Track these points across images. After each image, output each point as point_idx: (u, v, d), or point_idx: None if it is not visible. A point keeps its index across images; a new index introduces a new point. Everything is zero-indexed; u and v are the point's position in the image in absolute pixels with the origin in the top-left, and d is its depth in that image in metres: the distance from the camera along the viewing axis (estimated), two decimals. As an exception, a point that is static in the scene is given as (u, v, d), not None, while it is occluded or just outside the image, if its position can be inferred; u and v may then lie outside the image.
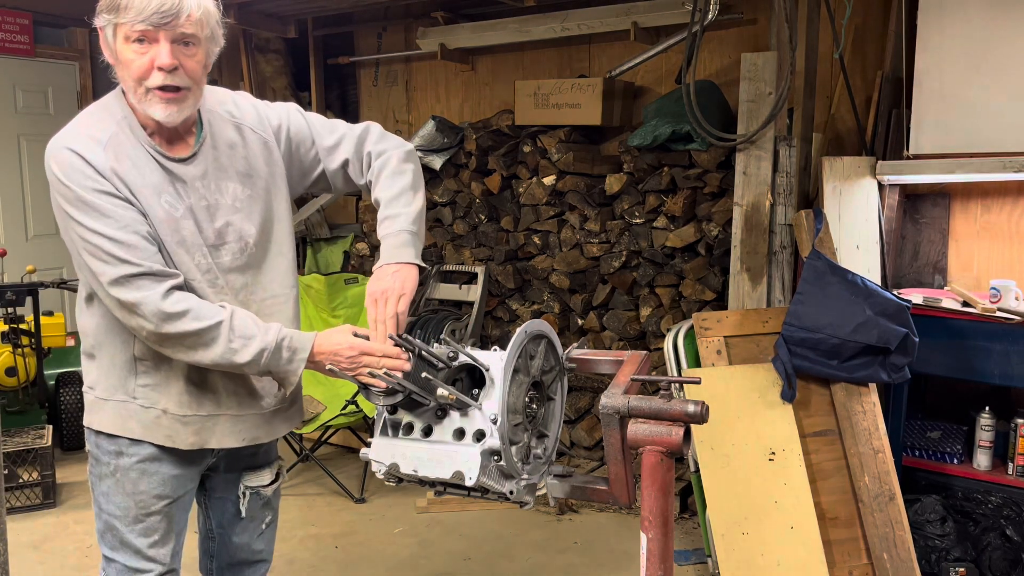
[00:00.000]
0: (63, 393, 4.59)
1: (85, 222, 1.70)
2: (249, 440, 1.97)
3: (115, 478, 1.91)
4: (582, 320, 4.31)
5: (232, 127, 1.90)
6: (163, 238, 1.77)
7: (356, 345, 1.76)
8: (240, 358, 1.73)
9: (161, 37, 1.68)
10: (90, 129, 1.76)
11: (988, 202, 3.40)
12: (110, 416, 1.89)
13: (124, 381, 1.87)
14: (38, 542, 3.61)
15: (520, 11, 4.60)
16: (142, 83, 1.71)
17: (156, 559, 1.95)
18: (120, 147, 1.75)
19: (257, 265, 1.91)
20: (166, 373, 1.86)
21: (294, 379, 1.79)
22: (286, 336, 1.76)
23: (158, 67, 1.69)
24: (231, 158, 1.88)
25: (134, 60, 1.70)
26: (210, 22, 1.76)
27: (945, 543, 3.02)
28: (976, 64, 3.19)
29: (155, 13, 1.65)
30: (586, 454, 4.26)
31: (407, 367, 1.73)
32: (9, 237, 5.64)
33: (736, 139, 3.36)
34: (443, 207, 4.72)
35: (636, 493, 1.68)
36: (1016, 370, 2.95)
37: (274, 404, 1.99)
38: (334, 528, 3.76)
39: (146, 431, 1.88)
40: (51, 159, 1.73)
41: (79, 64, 5.91)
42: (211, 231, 1.83)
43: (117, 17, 1.68)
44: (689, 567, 3.37)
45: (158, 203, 1.77)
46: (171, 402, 1.87)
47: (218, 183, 1.85)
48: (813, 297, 2.94)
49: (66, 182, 1.70)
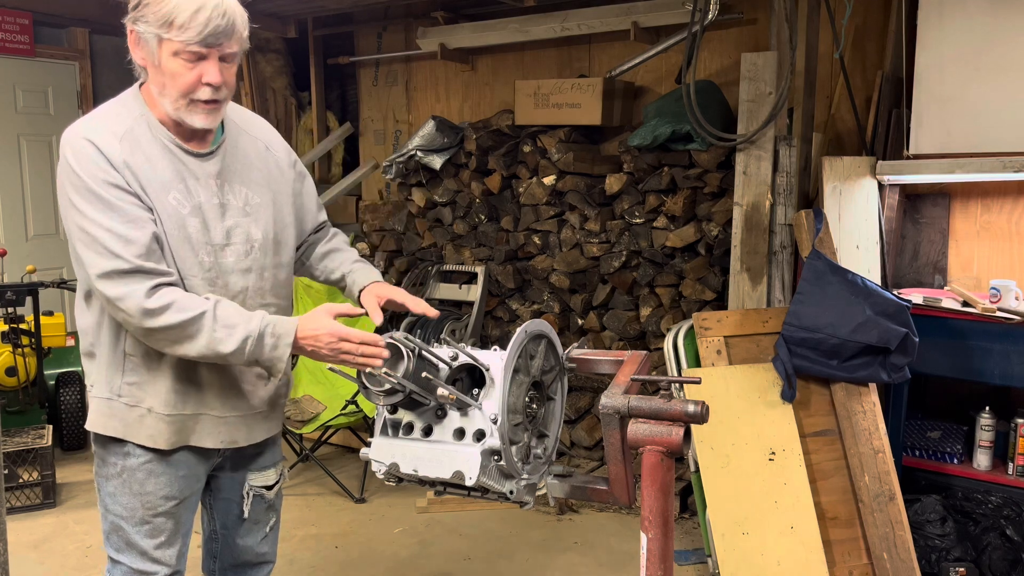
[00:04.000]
0: (63, 393, 4.59)
1: (88, 212, 1.72)
2: (227, 442, 1.96)
3: (122, 479, 1.91)
4: (582, 320, 4.31)
5: (253, 140, 1.98)
6: (167, 234, 1.78)
7: (335, 331, 1.75)
8: (224, 347, 1.73)
9: (212, 56, 1.75)
10: (107, 122, 1.79)
11: (988, 202, 3.40)
12: (95, 415, 1.89)
13: (110, 378, 1.87)
14: (38, 542, 3.61)
15: (520, 11, 4.61)
16: (187, 96, 1.76)
17: (162, 561, 1.95)
18: (136, 141, 1.78)
19: (259, 271, 1.93)
20: (154, 371, 1.86)
21: (280, 366, 1.78)
22: (270, 323, 1.76)
23: (206, 83, 1.75)
24: (247, 165, 1.93)
25: (182, 74, 1.75)
26: (246, 34, 1.82)
27: (945, 543, 3.02)
28: (976, 64, 3.19)
29: (211, 35, 1.71)
30: (586, 454, 4.26)
31: (385, 354, 1.72)
32: (9, 237, 5.64)
33: (736, 139, 3.36)
34: (443, 207, 4.72)
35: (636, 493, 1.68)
36: (1016, 370, 2.95)
37: (258, 407, 1.99)
38: (334, 528, 3.76)
39: (128, 430, 1.87)
40: (67, 146, 1.76)
41: (79, 64, 5.92)
42: (219, 230, 1.85)
43: (168, 33, 1.72)
44: (689, 567, 3.38)
45: (166, 199, 1.79)
46: (157, 400, 1.87)
47: (231, 185, 1.89)
48: (813, 297, 2.94)
49: (78, 170, 1.73)
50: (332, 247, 2.17)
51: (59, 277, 5.06)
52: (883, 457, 2.94)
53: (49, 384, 4.74)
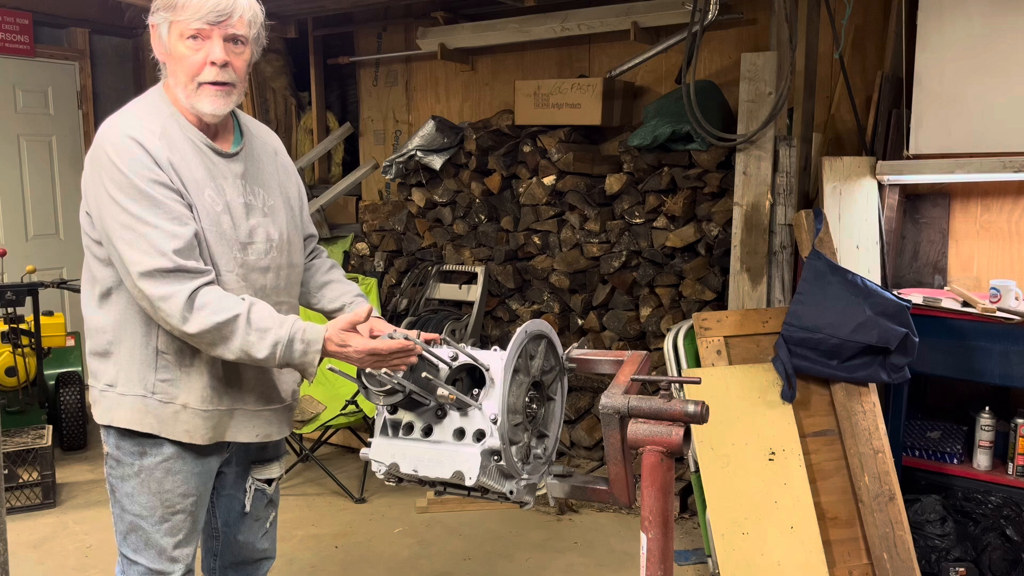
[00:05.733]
0: (63, 393, 4.59)
1: (133, 210, 1.73)
2: (263, 436, 2.00)
3: (140, 478, 1.92)
4: (582, 320, 4.31)
5: (263, 144, 2.04)
6: (205, 230, 1.81)
7: (362, 348, 1.76)
8: (257, 352, 1.75)
9: (215, 35, 1.79)
10: (144, 120, 1.81)
11: (988, 202, 3.40)
12: (128, 412, 1.89)
13: (143, 376, 1.87)
14: (38, 542, 3.61)
15: (520, 11, 4.60)
16: (194, 79, 1.80)
17: (179, 559, 1.97)
18: (172, 139, 1.81)
19: (276, 270, 1.97)
20: (188, 368, 1.88)
21: (312, 370, 1.81)
22: (299, 329, 1.78)
23: (211, 62, 1.79)
24: (261, 168, 1.99)
25: (188, 56, 1.79)
26: (257, 24, 1.87)
27: (945, 543, 3.02)
28: (976, 64, 3.19)
29: (211, 12, 1.76)
30: (586, 454, 4.26)
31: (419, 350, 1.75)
32: (9, 237, 5.63)
33: (736, 139, 3.36)
34: (443, 207, 4.72)
35: (636, 493, 1.68)
36: (1016, 370, 2.95)
37: (286, 400, 2.03)
38: (334, 528, 3.76)
39: (163, 427, 1.89)
40: (107, 144, 1.77)
41: (79, 64, 5.91)
42: (244, 229, 1.89)
43: (173, 15, 1.78)
44: (689, 567, 3.38)
45: (203, 196, 1.82)
46: (193, 397, 1.88)
47: (252, 186, 1.94)
48: (813, 297, 2.94)
49: (123, 168, 1.74)
50: (332, 278, 2.19)
51: (59, 277, 5.06)
52: (883, 457, 2.94)
53: (49, 384, 4.74)
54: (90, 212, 1.83)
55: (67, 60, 5.87)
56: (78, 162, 5.71)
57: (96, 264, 1.87)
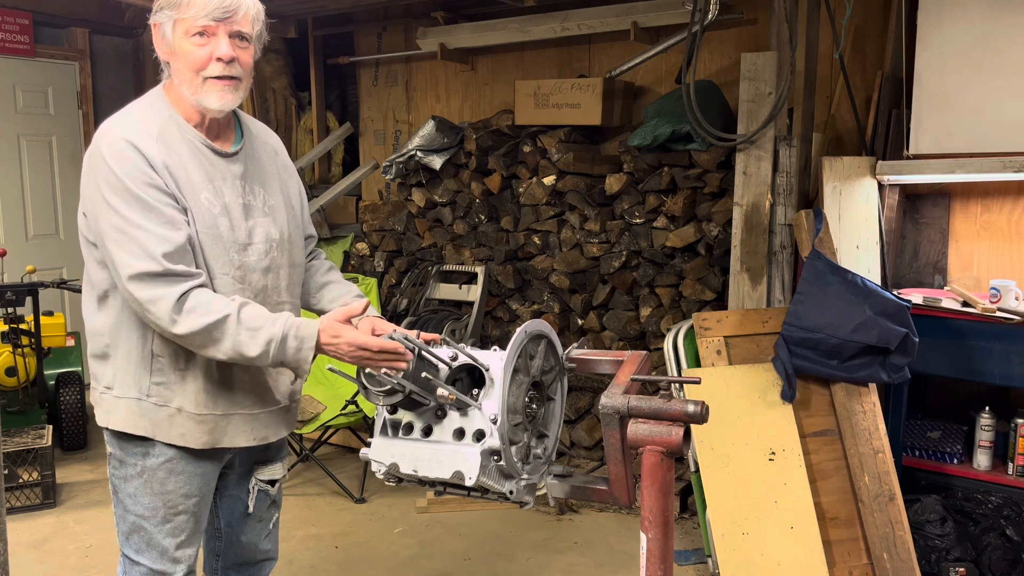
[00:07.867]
0: (63, 393, 4.59)
1: (125, 212, 1.73)
2: (259, 439, 2.00)
3: (143, 479, 1.92)
4: (582, 320, 4.31)
5: (264, 144, 2.04)
6: (200, 233, 1.81)
7: (354, 341, 1.75)
8: (249, 350, 1.75)
9: (220, 31, 1.80)
10: (141, 122, 1.82)
11: (988, 202, 3.40)
12: (123, 415, 1.89)
13: (138, 378, 1.88)
14: (38, 542, 3.61)
15: (520, 11, 4.60)
16: (199, 73, 1.81)
17: (181, 560, 1.97)
18: (170, 142, 1.81)
19: (276, 270, 1.97)
20: (182, 371, 1.87)
21: (306, 367, 1.81)
22: (293, 325, 1.77)
23: (217, 58, 1.80)
24: (262, 167, 1.99)
25: (193, 52, 1.80)
26: (259, 22, 1.89)
27: (945, 543, 3.02)
28: (976, 64, 3.19)
29: (217, 8, 1.78)
30: (586, 454, 4.26)
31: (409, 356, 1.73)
32: (9, 237, 5.64)
33: (736, 139, 3.36)
34: (443, 207, 4.72)
35: (636, 493, 1.68)
36: (1016, 370, 2.95)
37: (282, 401, 2.03)
38: (334, 528, 3.76)
39: (157, 430, 1.89)
40: (103, 147, 1.78)
41: (79, 64, 5.91)
42: (243, 230, 1.89)
43: (178, 12, 1.79)
44: (689, 567, 3.37)
45: (199, 199, 1.82)
46: (187, 400, 1.88)
47: (251, 186, 1.94)
48: (813, 297, 2.94)
49: (117, 171, 1.74)
50: (331, 279, 2.20)
51: (59, 277, 5.05)
52: (883, 457, 2.94)
53: (49, 384, 4.74)
54: (86, 213, 1.83)
55: (67, 60, 5.87)
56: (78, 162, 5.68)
57: (93, 266, 1.87)
